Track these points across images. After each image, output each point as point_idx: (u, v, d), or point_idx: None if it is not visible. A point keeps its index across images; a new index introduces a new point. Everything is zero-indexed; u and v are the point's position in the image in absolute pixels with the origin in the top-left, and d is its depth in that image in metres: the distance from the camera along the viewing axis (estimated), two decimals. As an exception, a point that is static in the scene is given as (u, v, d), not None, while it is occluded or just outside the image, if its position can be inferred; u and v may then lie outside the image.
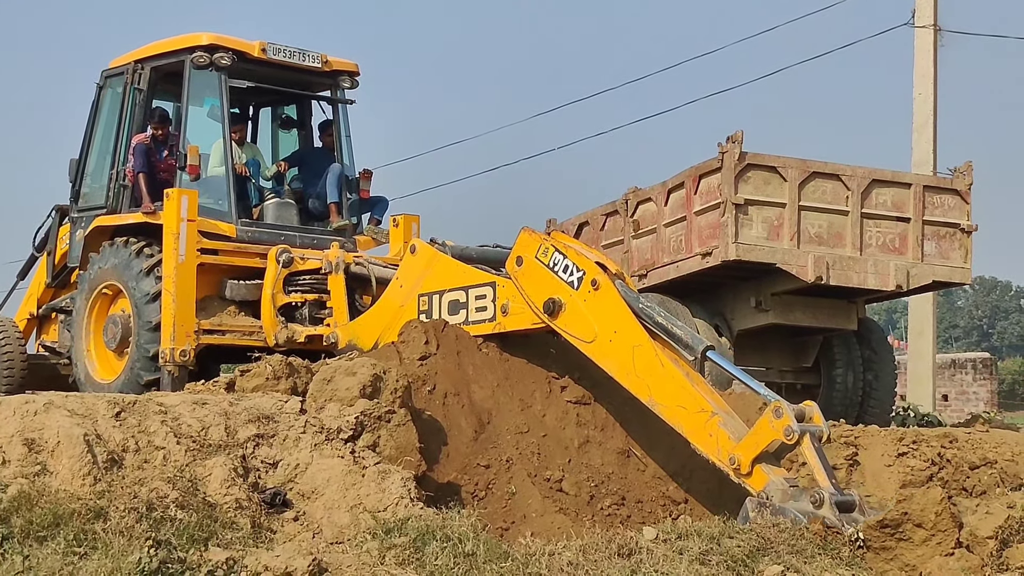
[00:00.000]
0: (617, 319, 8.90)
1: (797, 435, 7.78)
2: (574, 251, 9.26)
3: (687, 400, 8.45)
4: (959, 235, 12.37)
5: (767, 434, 7.92)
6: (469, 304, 10.06)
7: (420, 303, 10.44)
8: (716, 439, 8.20)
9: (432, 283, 10.43)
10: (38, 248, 14.01)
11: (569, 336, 9.28)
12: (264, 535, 7.36)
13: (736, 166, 11.50)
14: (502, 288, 9.84)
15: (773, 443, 7.88)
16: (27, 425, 7.49)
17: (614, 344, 8.92)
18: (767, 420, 7.91)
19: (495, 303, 9.86)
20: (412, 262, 10.77)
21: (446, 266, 10.46)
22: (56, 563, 6.37)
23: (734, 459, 8.04)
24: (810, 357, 13.21)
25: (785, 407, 7.81)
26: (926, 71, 19.07)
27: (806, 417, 7.90)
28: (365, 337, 10.94)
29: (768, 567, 7.24)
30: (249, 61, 12.35)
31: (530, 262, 9.49)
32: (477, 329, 9.98)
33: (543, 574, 6.96)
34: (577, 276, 9.10)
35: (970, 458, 9.41)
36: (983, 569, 8.61)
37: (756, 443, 7.96)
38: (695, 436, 8.41)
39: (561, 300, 9.21)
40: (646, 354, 8.71)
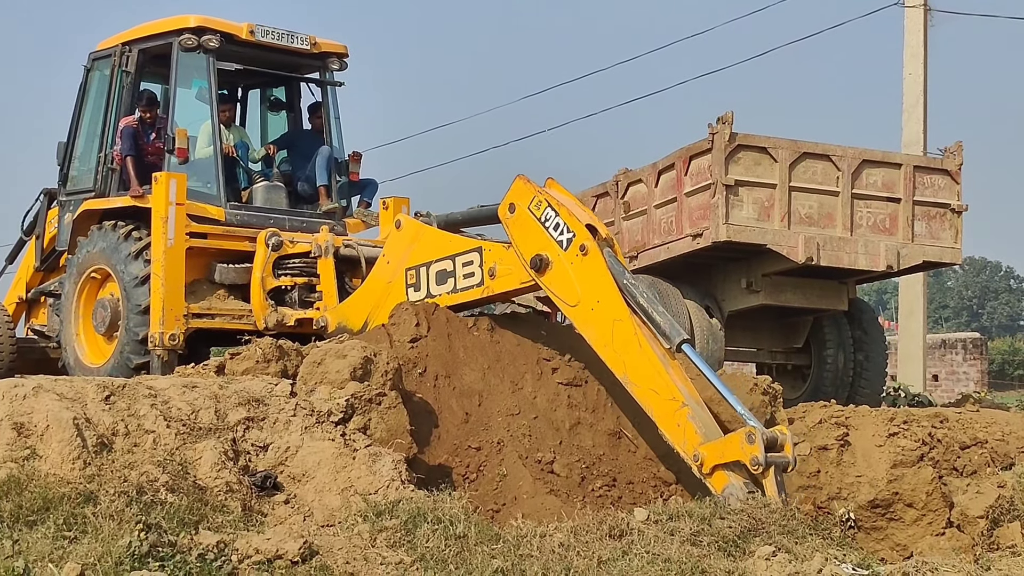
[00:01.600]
0: (601, 289, 8.93)
1: (762, 468, 7.86)
2: (567, 210, 9.23)
3: (660, 385, 8.51)
4: (949, 215, 12.37)
5: (734, 452, 8.00)
6: (456, 272, 10.06)
7: (408, 277, 10.43)
8: (683, 431, 8.29)
9: (419, 256, 10.42)
10: (27, 232, 13.95)
11: (553, 296, 9.34)
12: (255, 518, 7.35)
13: (726, 147, 11.47)
14: (488, 252, 9.87)
15: (737, 462, 7.96)
16: (16, 409, 7.46)
17: (596, 313, 8.97)
18: (738, 441, 7.98)
19: (482, 268, 9.88)
20: (398, 237, 10.76)
21: (432, 237, 10.46)
22: (46, 547, 6.35)
23: (698, 456, 8.15)
24: (801, 338, 13.21)
25: (758, 435, 7.87)
26: (916, 51, 19.04)
27: (777, 444, 7.96)
28: (354, 318, 10.93)
29: (759, 548, 7.25)
30: (237, 43, 12.28)
31: (522, 212, 9.46)
32: (465, 296, 9.99)
33: (534, 556, 6.96)
34: (567, 237, 9.10)
35: (960, 438, 9.43)
36: (973, 548, 8.66)
37: (722, 453, 8.06)
38: (663, 423, 8.49)
39: (549, 258, 9.23)
40: (625, 331, 8.76)
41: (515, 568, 6.64)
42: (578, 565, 6.80)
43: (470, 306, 10.45)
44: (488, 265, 9.84)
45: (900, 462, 9.02)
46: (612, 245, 9.19)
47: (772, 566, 6.96)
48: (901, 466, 9.01)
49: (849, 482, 9.00)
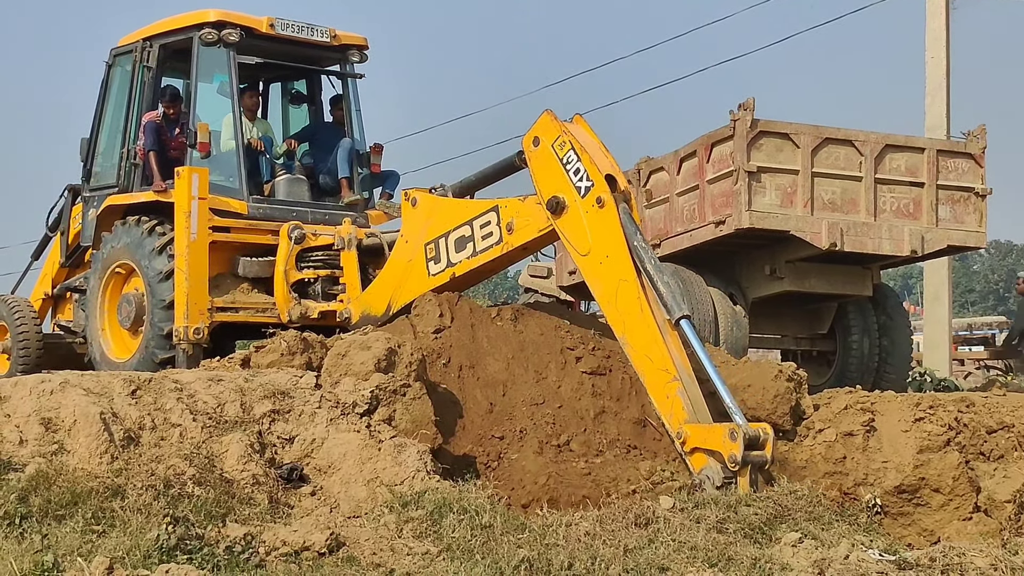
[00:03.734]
0: (612, 245, 9.03)
1: (738, 467, 8.03)
2: (588, 157, 9.26)
3: (655, 354, 8.67)
4: (973, 199, 12.29)
5: (715, 443, 8.16)
6: (475, 235, 10.13)
7: (427, 252, 10.48)
8: (671, 404, 8.51)
9: (436, 228, 10.48)
10: (51, 228, 14.02)
11: (565, 240, 9.45)
12: (281, 510, 7.39)
13: (748, 134, 11.42)
14: (505, 209, 9.95)
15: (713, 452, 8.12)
16: (43, 404, 7.52)
17: (603, 268, 9.09)
18: (721, 435, 8.13)
19: (499, 226, 9.95)
20: (414, 215, 10.82)
21: (447, 207, 10.54)
22: (75, 541, 6.40)
23: (681, 434, 8.37)
24: (825, 324, 13.16)
25: (740, 434, 8.00)
26: (938, 34, 18.91)
27: (759, 442, 8.09)
28: (377, 304, 10.96)
29: (785, 534, 7.24)
30: (257, 37, 12.30)
31: (545, 149, 9.51)
32: (486, 256, 10.04)
33: (560, 545, 6.97)
34: (586, 184, 9.18)
35: (987, 422, 9.37)
36: (1001, 533, 8.61)
37: (704, 439, 8.25)
38: (653, 391, 8.71)
39: (566, 202, 9.32)
40: (629, 292, 8.89)
41: (541, 557, 6.64)
42: (604, 553, 6.81)
43: (490, 269, 10.51)
44: (505, 221, 9.91)
45: (926, 447, 8.98)
46: (629, 200, 9.26)
47: (799, 552, 6.95)
48: (927, 451, 8.97)
49: (875, 468, 8.97)
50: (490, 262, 10.14)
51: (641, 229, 9.24)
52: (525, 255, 10.48)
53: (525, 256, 10.56)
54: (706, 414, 8.49)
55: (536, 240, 9.91)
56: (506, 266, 10.63)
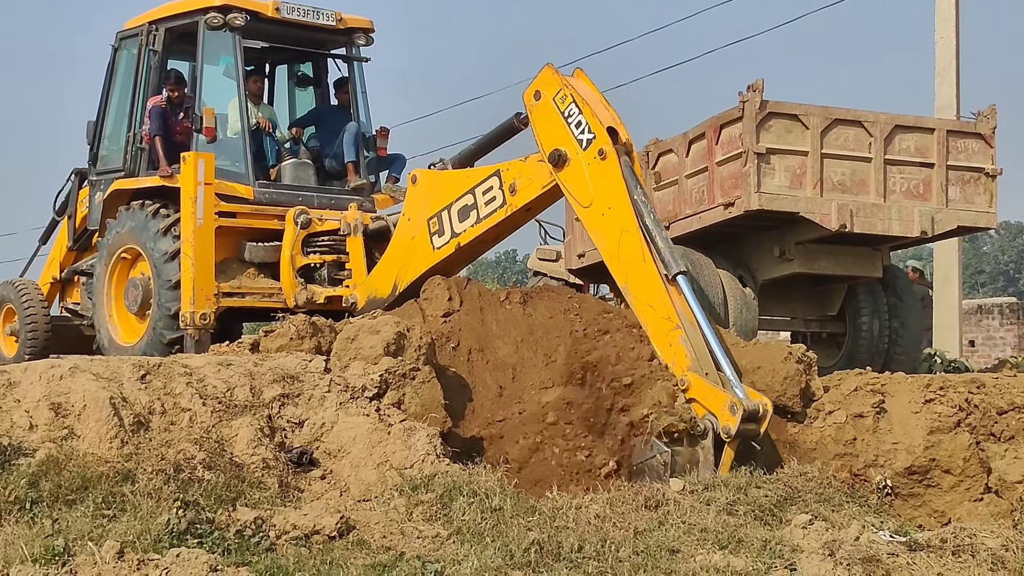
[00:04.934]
0: (614, 197, 9.08)
1: (730, 439, 8.08)
2: (590, 110, 9.31)
3: (658, 303, 8.75)
4: (984, 179, 12.21)
5: (714, 406, 8.21)
6: (478, 202, 10.17)
7: (430, 226, 10.52)
8: (674, 352, 8.57)
9: (438, 201, 10.52)
10: (59, 212, 14.04)
11: (567, 193, 9.51)
12: (291, 494, 7.40)
13: (757, 115, 11.36)
14: (507, 171, 10.01)
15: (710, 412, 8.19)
16: (53, 390, 7.53)
17: (606, 219, 9.15)
18: (721, 403, 8.17)
19: (503, 189, 10.00)
20: (416, 192, 10.86)
21: (448, 179, 10.59)
22: (85, 526, 6.41)
23: (684, 381, 8.42)
24: (835, 305, 13.11)
25: (739, 410, 8.04)
26: (947, 14, 18.78)
27: (758, 416, 8.14)
28: (382, 285, 10.97)
29: (796, 516, 7.23)
30: (263, 20, 12.28)
31: (547, 102, 9.56)
32: (491, 221, 10.09)
33: (570, 527, 6.96)
34: (588, 137, 9.24)
35: (998, 403, 9.35)
36: (1012, 514, 8.61)
37: (704, 396, 8.30)
38: (656, 339, 8.77)
39: (567, 154, 9.37)
40: (632, 242, 8.94)
41: (551, 540, 6.64)
42: (614, 536, 6.81)
43: (495, 236, 10.52)
44: (508, 183, 9.97)
45: (937, 428, 8.97)
46: (631, 152, 9.31)
47: (809, 534, 6.94)
48: (938, 432, 8.96)
49: (886, 449, 8.95)
50: (494, 227, 10.17)
51: (642, 182, 9.29)
52: (529, 217, 10.43)
53: (529, 218, 10.50)
54: (709, 363, 8.52)
55: (539, 198, 9.93)
56: (510, 231, 10.60)
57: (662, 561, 6.51)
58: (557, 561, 6.45)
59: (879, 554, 6.62)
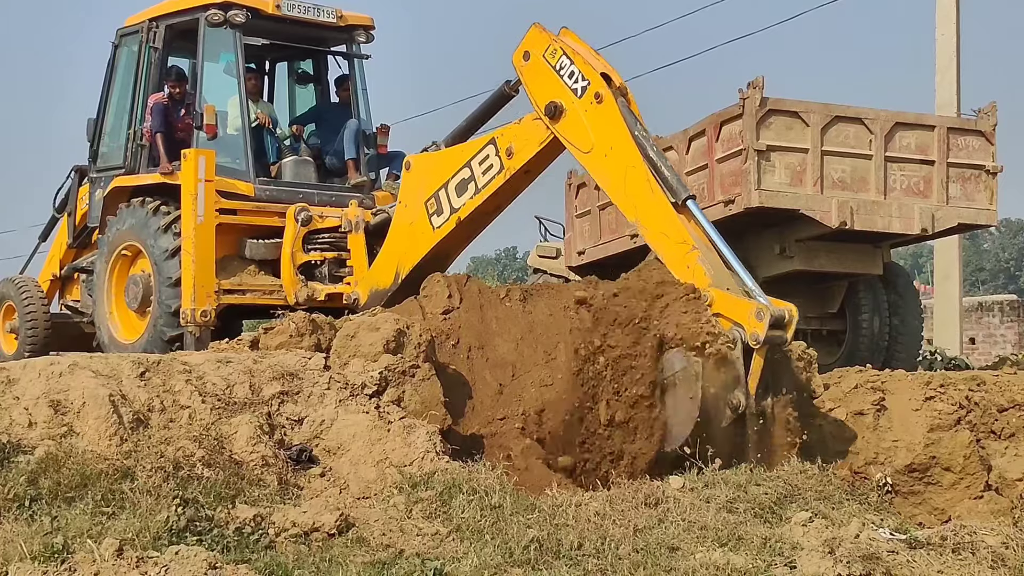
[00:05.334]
0: (614, 136, 9.10)
1: (759, 346, 8.05)
2: (581, 58, 9.34)
3: (671, 229, 8.72)
4: (984, 177, 12.21)
5: (740, 316, 8.17)
6: (475, 174, 10.19)
7: (428, 208, 10.54)
8: (692, 273, 8.51)
9: (434, 183, 10.54)
10: (59, 209, 14.05)
11: (567, 142, 9.50)
12: (291, 491, 7.39)
13: (757, 112, 11.36)
14: (502, 137, 10.04)
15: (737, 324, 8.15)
16: (52, 387, 7.52)
17: (609, 160, 9.17)
18: (748, 311, 8.15)
19: (499, 155, 10.02)
20: (410, 178, 10.90)
21: (442, 158, 10.61)
22: (84, 523, 6.40)
23: (707, 297, 8.34)
24: (836, 303, 13.11)
25: (767, 315, 8.04)
26: (948, 12, 18.80)
27: (784, 322, 8.13)
28: (384, 276, 10.98)
29: (796, 513, 7.23)
30: (263, 17, 12.28)
31: (537, 60, 9.60)
32: (489, 189, 10.10)
33: (570, 525, 6.96)
34: (582, 85, 9.26)
35: (998, 401, 9.35)
36: (1012, 511, 8.60)
37: (728, 308, 8.25)
38: (673, 265, 8.68)
39: (563, 106, 9.39)
40: (638, 176, 8.94)
41: (551, 537, 6.63)
42: (614, 533, 6.80)
43: (494, 207, 10.50)
44: (504, 148, 9.98)
45: (937, 426, 8.97)
46: (626, 94, 9.31)
47: (809, 532, 6.93)
48: (938, 430, 8.96)
49: (886, 447, 8.96)
50: (493, 196, 10.18)
51: (640, 120, 9.30)
52: (527, 181, 10.38)
53: (528, 182, 10.44)
54: (729, 279, 8.50)
55: (537, 157, 9.92)
56: (510, 198, 10.53)
57: (662, 559, 6.50)
58: (557, 559, 6.45)
59: (879, 552, 6.61)
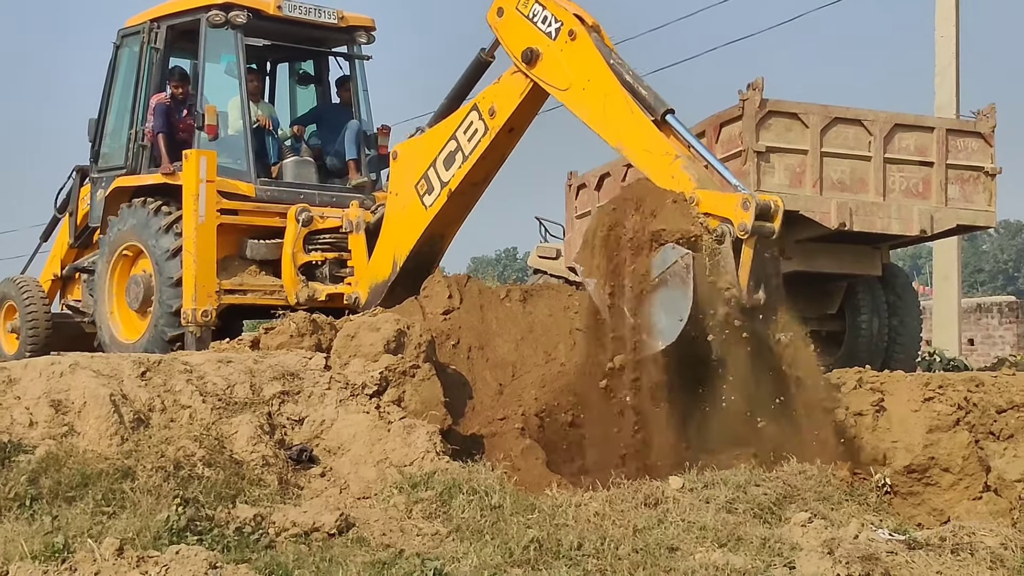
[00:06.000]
0: (591, 69, 9.25)
1: (747, 235, 8.16)
2: (553, 2, 9.52)
3: (652, 144, 8.87)
4: (983, 178, 12.21)
5: (727, 210, 8.26)
6: (461, 142, 10.36)
7: (419, 190, 10.68)
8: (677, 181, 8.59)
9: (422, 164, 10.67)
10: (60, 209, 14.04)
11: (545, 84, 9.66)
12: (291, 491, 7.41)
13: (757, 113, 11.36)
14: (483, 99, 10.24)
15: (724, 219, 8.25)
16: (53, 386, 7.54)
17: (587, 92, 9.30)
18: (734, 203, 8.25)
19: (482, 118, 10.17)
20: (398, 167, 11.03)
21: (427, 138, 10.75)
22: (85, 522, 6.42)
23: (693, 198, 8.41)
24: (834, 304, 13.11)
25: (752, 204, 8.16)
26: (948, 13, 18.80)
27: (770, 213, 8.27)
28: (382, 268, 11.03)
29: (795, 514, 7.24)
30: (265, 18, 12.29)
31: (511, 13, 9.81)
32: (477, 153, 10.23)
33: (570, 525, 6.97)
34: (555, 27, 9.46)
35: (997, 402, 9.36)
36: (1011, 512, 8.62)
37: (715, 205, 8.34)
38: (658, 177, 8.78)
39: (539, 50, 9.58)
40: (616, 101, 9.08)
41: (551, 538, 6.65)
42: (614, 534, 6.81)
43: (483, 174, 10.58)
44: (486, 109, 10.16)
45: (936, 427, 8.98)
46: (599, 31, 9.47)
47: (808, 532, 6.95)
48: (937, 431, 8.96)
49: (885, 447, 8.96)
50: (481, 161, 10.30)
51: (614, 52, 9.45)
52: (512, 141, 10.49)
53: (512, 143, 10.52)
54: (714, 184, 8.60)
55: (519, 110, 10.06)
56: (497, 163, 10.63)
57: (661, 559, 6.52)
58: (556, 559, 6.46)
59: (878, 552, 6.63)
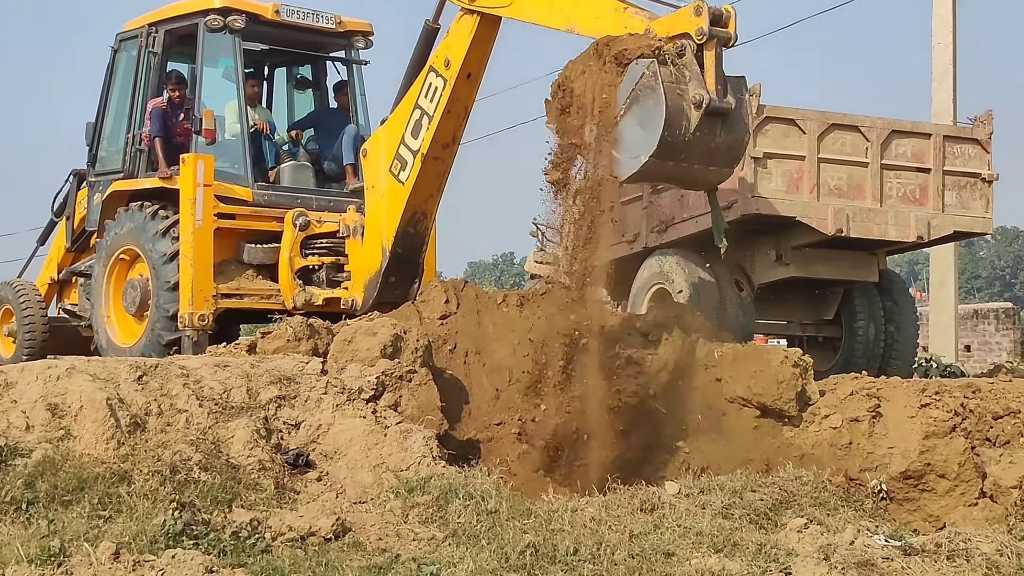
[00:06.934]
0: None
1: (706, 38, 8.39)
2: None
3: (598, 8, 9.06)
4: (980, 185, 12.25)
5: (682, 25, 8.48)
6: (424, 107, 10.60)
7: (393, 170, 10.89)
8: (631, 26, 8.77)
9: (391, 146, 10.91)
10: (57, 213, 14.04)
11: (491, 9, 9.92)
12: (288, 496, 7.40)
13: (754, 119, 11.39)
14: (436, 58, 10.51)
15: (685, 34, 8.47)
16: (50, 390, 7.53)
17: None
18: (687, 14, 8.48)
19: (439, 75, 10.42)
20: (370, 161, 11.25)
21: (390, 122, 11.00)
22: (81, 526, 6.41)
23: (650, 31, 8.61)
24: (831, 310, 13.14)
25: (704, 10, 8.38)
26: (945, 19, 18.83)
27: (722, 20, 8.46)
28: (372, 259, 11.21)
29: (791, 520, 7.25)
30: (263, 23, 12.29)
31: None
32: (439, 110, 10.45)
33: (566, 530, 6.98)
34: None
35: (993, 408, 9.36)
36: (1007, 519, 8.61)
37: (670, 27, 8.57)
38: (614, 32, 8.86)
39: None
40: None
41: (547, 543, 6.65)
42: (610, 539, 6.82)
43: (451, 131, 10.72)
44: (441, 63, 10.41)
45: (932, 433, 8.98)
46: None
47: (804, 538, 6.96)
48: (933, 437, 8.97)
49: (881, 453, 8.96)
50: (446, 117, 10.48)
51: None
52: (472, 88, 10.66)
53: (473, 90, 10.71)
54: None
55: (472, 51, 10.27)
56: (462, 116, 10.80)
57: (657, 564, 6.52)
58: (552, 564, 6.46)
59: (874, 558, 6.63)
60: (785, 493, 7.69)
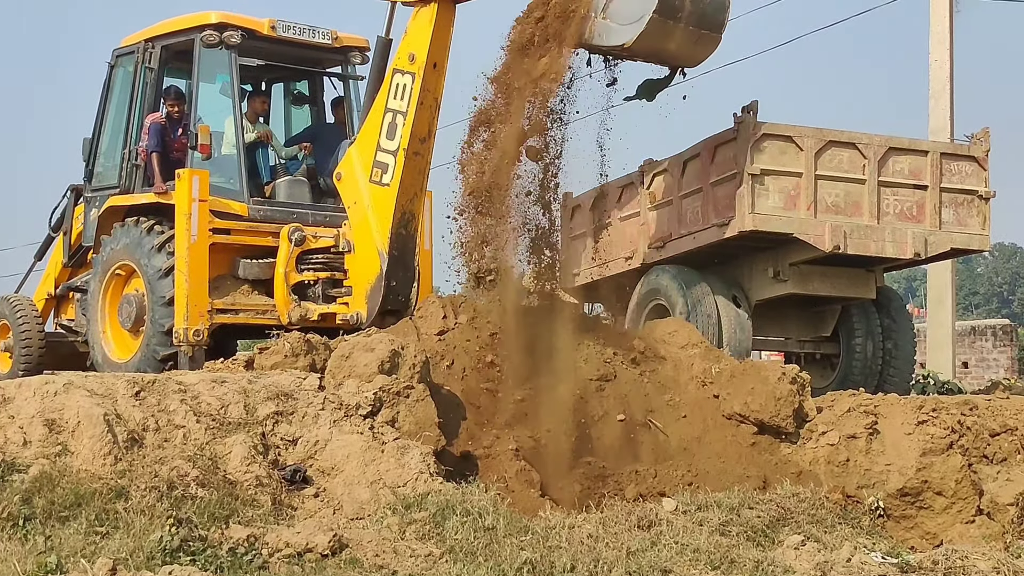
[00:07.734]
0: None
1: None
2: None
3: None
4: (977, 202, 12.27)
5: None
6: (395, 107, 10.76)
7: (375, 177, 10.98)
8: None
9: (367, 158, 11.01)
10: (54, 228, 14.04)
11: None
12: (285, 512, 7.39)
13: (752, 136, 11.41)
14: (398, 59, 10.76)
15: None
16: (47, 406, 7.52)
17: None
18: None
19: (405, 73, 10.64)
20: (345, 184, 11.33)
21: (361, 135, 11.16)
22: (78, 542, 6.40)
23: None
24: (829, 327, 13.15)
25: None
26: (942, 37, 18.87)
27: None
28: (370, 268, 11.17)
29: (788, 537, 7.25)
30: (259, 39, 12.31)
31: None
32: (415, 100, 10.61)
33: (563, 547, 6.97)
34: None
35: (990, 425, 9.37)
36: (1004, 536, 8.61)
37: None
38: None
39: None
40: None
41: (544, 560, 6.64)
42: (607, 556, 6.81)
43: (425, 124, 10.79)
44: (405, 60, 10.64)
45: (929, 450, 8.98)
46: None
47: (801, 555, 6.95)
48: (930, 454, 8.97)
49: (878, 470, 8.97)
50: (420, 110, 10.62)
51: None
52: (439, 77, 10.79)
53: (440, 80, 10.83)
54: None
55: (434, 40, 10.47)
56: (434, 110, 10.91)
57: (654, 581, 6.51)
58: (549, 581, 6.46)
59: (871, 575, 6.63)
60: (782, 510, 7.69)
